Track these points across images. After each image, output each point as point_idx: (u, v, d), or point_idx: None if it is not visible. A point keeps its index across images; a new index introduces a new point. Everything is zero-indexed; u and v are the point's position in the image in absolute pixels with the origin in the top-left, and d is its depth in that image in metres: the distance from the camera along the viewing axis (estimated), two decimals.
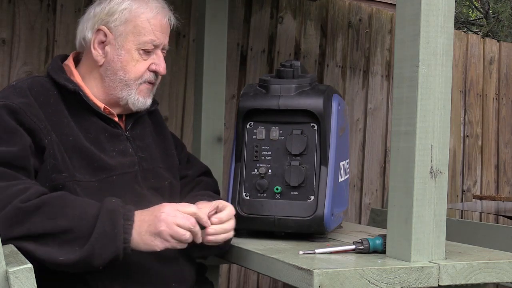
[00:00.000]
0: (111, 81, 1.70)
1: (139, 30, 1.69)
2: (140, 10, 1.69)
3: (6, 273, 1.15)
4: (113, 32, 1.69)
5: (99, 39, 1.70)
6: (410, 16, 1.46)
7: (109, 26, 1.69)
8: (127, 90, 1.70)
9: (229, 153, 1.74)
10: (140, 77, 1.70)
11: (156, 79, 1.75)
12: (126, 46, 1.69)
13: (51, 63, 1.73)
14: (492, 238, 2.12)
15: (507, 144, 4.52)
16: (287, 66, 1.79)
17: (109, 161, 1.61)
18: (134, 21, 1.69)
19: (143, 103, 1.72)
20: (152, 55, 1.72)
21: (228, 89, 3.17)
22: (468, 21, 10.52)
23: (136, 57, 1.69)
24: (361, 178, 3.90)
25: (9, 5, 2.83)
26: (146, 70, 1.71)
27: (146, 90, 1.73)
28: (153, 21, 1.70)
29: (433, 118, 1.45)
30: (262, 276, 3.48)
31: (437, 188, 1.45)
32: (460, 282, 1.43)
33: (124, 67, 1.69)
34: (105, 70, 1.70)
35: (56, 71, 1.68)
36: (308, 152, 1.72)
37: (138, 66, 1.70)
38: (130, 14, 1.69)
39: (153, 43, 1.70)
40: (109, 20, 1.69)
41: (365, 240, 1.52)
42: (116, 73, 1.69)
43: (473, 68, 4.39)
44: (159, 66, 1.72)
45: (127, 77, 1.69)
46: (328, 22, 3.75)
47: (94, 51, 1.70)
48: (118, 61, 1.69)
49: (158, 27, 1.71)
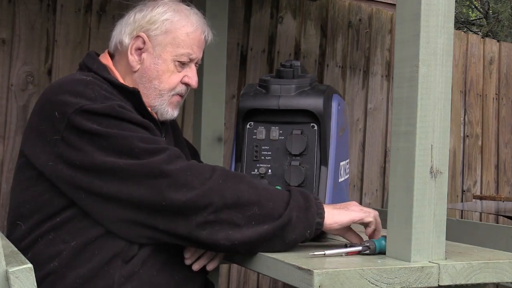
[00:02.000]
0: (145, 88, 1.71)
1: (178, 42, 1.71)
2: (181, 23, 1.72)
3: (6, 273, 1.15)
4: (152, 40, 1.71)
5: (137, 45, 1.71)
6: (410, 16, 1.45)
7: (148, 34, 1.71)
8: (160, 100, 1.72)
9: (229, 153, 1.74)
10: (173, 88, 1.73)
11: (186, 92, 1.78)
12: (163, 56, 1.71)
13: (92, 61, 1.71)
14: (492, 238, 2.12)
15: (507, 144, 4.52)
16: (287, 66, 1.79)
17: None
18: (174, 33, 1.71)
19: (171, 114, 1.76)
20: (186, 68, 1.75)
21: (228, 89, 3.18)
22: (468, 21, 10.52)
23: (172, 68, 1.72)
24: (361, 178, 3.90)
25: (9, 5, 2.83)
26: (179, 82, 1.74)
27: (176, 102, 1.76)
28: (192, 35, 1.73)
29: (433, 118, 1.44)
30: (262, 276, 3.48)
31: (437, 188, 1.45)
32: (460, 282, 1.43)
33: (160, 76, 1.71)
34: (140, 77, 1.71)
35: (103, 71, 1.68)
36: (308, 152, 1.73)
37: (172, 77, 1.72)
38: (171, 25, 1.71)
39: (190, 56, 1.73)
40: (150, 28, 1.71)
41: (371, 241, 1.52)
42: (151, 81, 1.71)
43: (473, 68, 4.39)
44: (191, 79, 1.75)
45: (162, 86, 1.72)
46: (328, 22, 3.76)
47: (130, 56, 1.71)
48: (154, 69, 1.71)
49: (196, 42, 1.74)
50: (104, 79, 1.64)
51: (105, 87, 1.59)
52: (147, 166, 1.44)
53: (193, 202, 1.41)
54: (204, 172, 1.46)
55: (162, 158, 1.45)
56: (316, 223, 1.48)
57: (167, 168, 1.43)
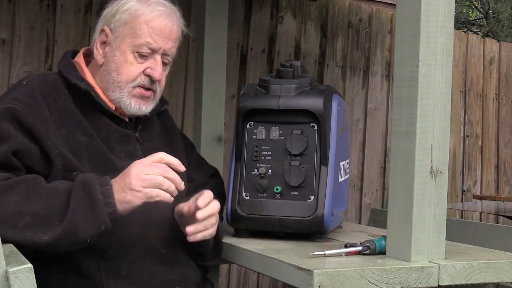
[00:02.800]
0: (106, 81, 1.68)
1: (135, 32, 1.65)
2: (140, 12, 1.66)
3: (6, 273, 1.15)
4: (114, 33, 1.67)
5: (101, 39, 1.69)
6: (410, 16, 1.45)
7: (111, 27, 1.68)
8: (119, 92, 1.66)
9: (229, 153, 1.74)
10: (133, 80, 1.66)
11: (152, 85, 1.69)
12: (121, 48, 1.66)
13: (62, 60, 1.72)
14: (492, 238, 2.12)
15: (507, 144, 4.52)
16: (287, 66, 1.79)
17: (117, 163, 1.59)
18: (132, 23, 1.66)
19: (136, 109, 1.68)
20: (150, 59, 1.67)
21: (228, 89, 3.17)
22: (468, 21, 10.52)
23: (131, 60, 1.66)
24: (361, 178, 3.90)
25: (9, 5, 2.83)
26: (140, 73, 1.67)
27: (140, 95, 1.68)
28: (152, 24, 1.65)
29: (433, 118, 1.44)
30: (262, 276, 3.48)
31: (437, 188, 1.45)
32: (460, 282, 1.43)
33: (118, 68, 1.66)
34: (103, 71, 1.68)
35: (68, 69, 1.67)
36: (308, 152, 1.72)
37: (131, 69, 1.66)
38: (130, 15, 1.66)
39: (150, 46, 1.65)
40: (112, 21, 1.68)
41: (371, 241, 1.52)
42: (110, 73, 1.67)
43: (473, 68, 4.39)
44: (154, 71, 1.67)
45: (119, 78, 1.66)
46: (328, 22, 3.75)
47: (95, 51, 1.69)
48: (113, 62, 1.66)
49: (157, 31, 1.66)
50: (64, 78, 1.63)
51: (27, 90, 1.56)
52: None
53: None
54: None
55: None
56: (109, 214, 1.41)
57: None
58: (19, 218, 1.37)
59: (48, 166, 1.51)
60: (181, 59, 3.23)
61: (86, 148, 1.57)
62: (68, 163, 1.52)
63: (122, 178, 1.46)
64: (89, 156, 1.56)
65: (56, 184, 1.46)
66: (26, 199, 1.40)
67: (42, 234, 1.37)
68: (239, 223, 1.75)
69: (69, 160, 1.52)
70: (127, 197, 1.43)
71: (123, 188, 1.44)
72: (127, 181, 1.43)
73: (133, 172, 1.44)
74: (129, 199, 1.43)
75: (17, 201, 1.39)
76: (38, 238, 1.37)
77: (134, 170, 1.44)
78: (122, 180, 1.45)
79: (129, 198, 1.43)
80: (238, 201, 1.74)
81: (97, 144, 1.59)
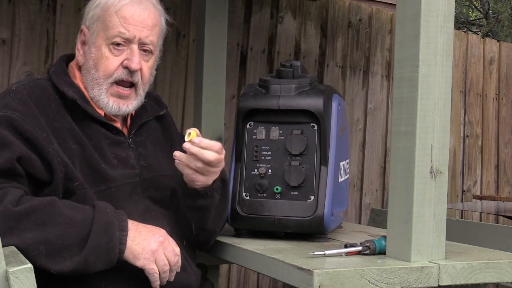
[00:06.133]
0: (86, 81, 1.64)
1: (106, 24, 1.61)
2: (109, 3, 1.62)
3: (6, 273, 1.15)
4: (90, 30, 1.65)
5: (81, 39, 1.67)
6: (410, 16, 1.46)
7: (86, 25, 1.66)
8: (98, 90, 1.62)
9: (229, 153, 1.74)
10: (110, 74, 1.61)
11: (133, 77, 1.63)
12: (96, 43, 1.62)
13: (55, 64, 1.69)
14: (492, 238, 2.12)
15: (507, 144, 4.52)
16: (287, 66, 1.79)
17: (109, 171, 1.56)
18: (103, 16, 1.62)
19: (115, 109, 1.63)
20: (126, 50, 1.62)
21: (228, 89, 3.17)
22: (468, 21, 10.52)
23: (106, 54, 1.61)
24: (361, 178, 3.90)
25: (9, 5, 2.83)
26: (118, 66, 1.61)
27: (117, 95, 1.63)
28: (122, 13, 1.61)
29: (433, 118, 1.44)
30: (262, 276, 3.48)
31: (437, 188, 1.45)
32: (460, 282, 1.43)
33: (96, 65, 1.62)
34: (83, 70, 1.66)
35: (58, 74, 1.64)
36: (308, 152, 1.72)
37: (108, 63, 1.61)
38: (101, 9, 1.63)
39: (123, 36, 1.60)
40: (87, 19, 1.66)
41: (371, 241, 1.51)
42: (89, 71, 1.63)
43: (473, 68, 4.39)
44: (131, 61, 1.61)
45: (97, 75, 1.62)
46: (328, 22, 3.75)
47: (77, 52, 1.67)
48: (90, 59, 1.63)
49: (129, 19, 1.61)
50: (53, 83, 1.60)
51: (19, 97, 1.53)
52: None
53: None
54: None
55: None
56: (119, 258, 1.43)
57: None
58: (33, 248, 1.36)
59: (50, 174, 1.49)
60: (181, 59, 3.23)
61: (78, 157, 1.54)
62: (70, 172, 1.50)
63: (149, 233, 1.48)
64: (81, 165, 1.54)
65: (74, 214, 1.43)
66: (42, 227, 1.38)
67: (52, 264, 1.37)
68: (239, 223, 1.75)
69: (70, 168, 1.50)
70: (135, 252, 1.45)
71: (145, 246, 1.45)
72: (146, 244, 1.45)
73: (161, 241, 1.47)
74: (137, 254, 1.45)
75: (32, 230, 1.37)
76: (47, 267, 1.37)
77: (163, 240, 1.48)
78: (142, 237, 1.47)
79: (137, 253, 1.45)
80: (238, 201, 1.74)
81: (89, 152, 1.56)
